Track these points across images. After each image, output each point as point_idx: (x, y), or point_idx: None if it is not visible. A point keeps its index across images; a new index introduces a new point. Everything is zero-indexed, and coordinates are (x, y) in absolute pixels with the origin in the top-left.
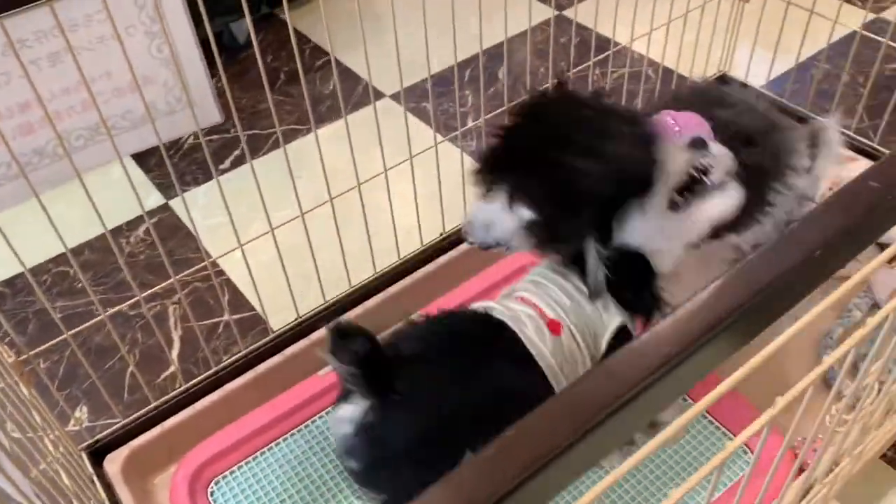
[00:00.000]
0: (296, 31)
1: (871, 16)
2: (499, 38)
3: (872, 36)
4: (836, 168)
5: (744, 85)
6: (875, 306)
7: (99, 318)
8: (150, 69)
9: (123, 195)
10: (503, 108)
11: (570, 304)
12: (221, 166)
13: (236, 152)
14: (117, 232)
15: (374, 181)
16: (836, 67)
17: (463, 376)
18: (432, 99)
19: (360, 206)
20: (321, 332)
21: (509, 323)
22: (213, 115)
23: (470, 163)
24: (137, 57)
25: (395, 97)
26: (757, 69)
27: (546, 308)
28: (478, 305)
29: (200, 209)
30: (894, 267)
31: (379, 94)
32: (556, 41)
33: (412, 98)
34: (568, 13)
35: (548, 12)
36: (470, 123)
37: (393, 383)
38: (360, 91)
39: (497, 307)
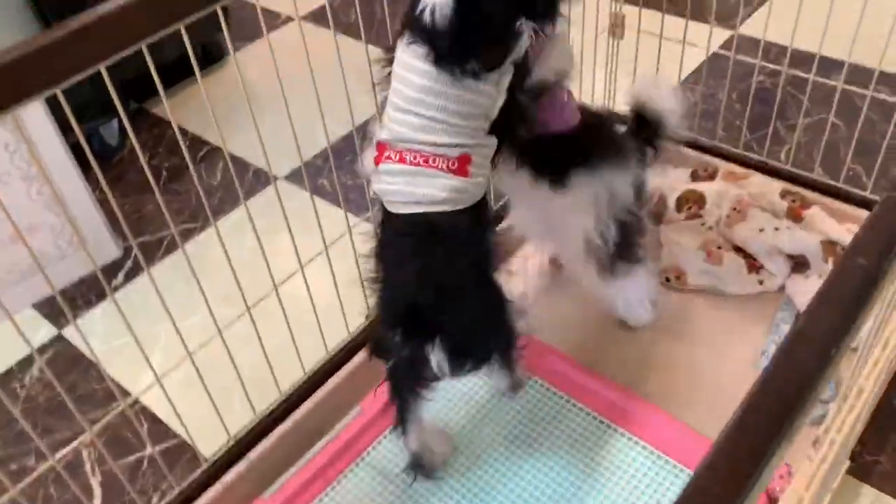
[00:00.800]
0: (170, 123)
1: (728, 33)
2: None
3: (725, 53)
4: None
5: None
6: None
7: None
8: (33, 216)
9: (9, 334)
10: None
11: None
12: (114, 282)
13: (128, 264)
14: (8, 376)
15: (288, 272)
16: (710, 88)
17: None
18: (336, 174)
19: (274, 304)
20: (258, 451)
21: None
22: (111, 249)
23: None
24: (18, 205)
25: (289, 178)
26: None
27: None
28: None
29: (99, 334)
30: (809, 277)
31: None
32: None
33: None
34: None
35: None
36: (371, 193)
37: None
38: (250, 178)
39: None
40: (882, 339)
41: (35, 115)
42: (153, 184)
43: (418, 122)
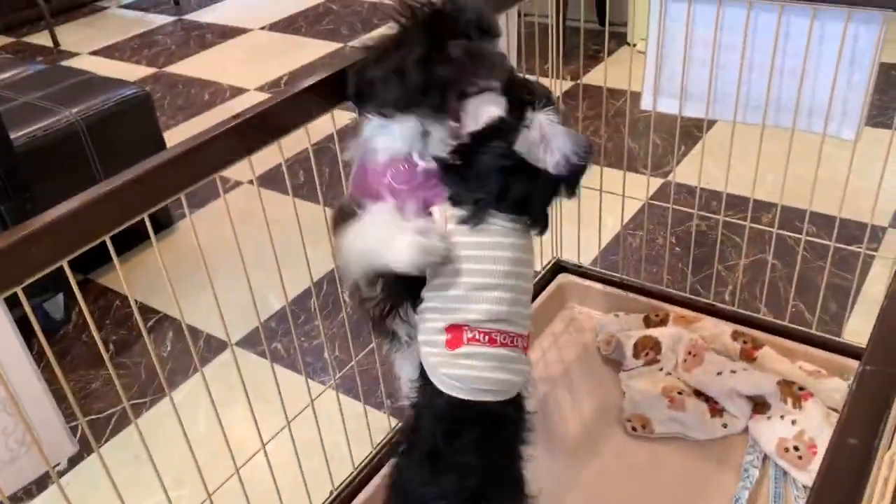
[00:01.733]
0: (117, 293)
1: (660, 181)
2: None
3: (660, 204)
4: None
5: (579, 266)
6: (766, 458)
7: None
8: None
9: None
10: (370, 345)
11: None
12: (57, 468)
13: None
14: None
15: (247, 447)
16: (649, 233)
17: None
18: (296, 337)
19: (234, 482)
20: None
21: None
22: (66, 447)
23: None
24: None
25: (241, 344)
26: (586, 249)
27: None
28: None
29: None
30: (770, 417)
31: (223, 345)
32: None
33: (260, 341)
34: None
35: None
36: (327, 356)
37: None
38: (201, 346)
39: None
40: None
41: None
42: (105, 357)
43: (511, 296)
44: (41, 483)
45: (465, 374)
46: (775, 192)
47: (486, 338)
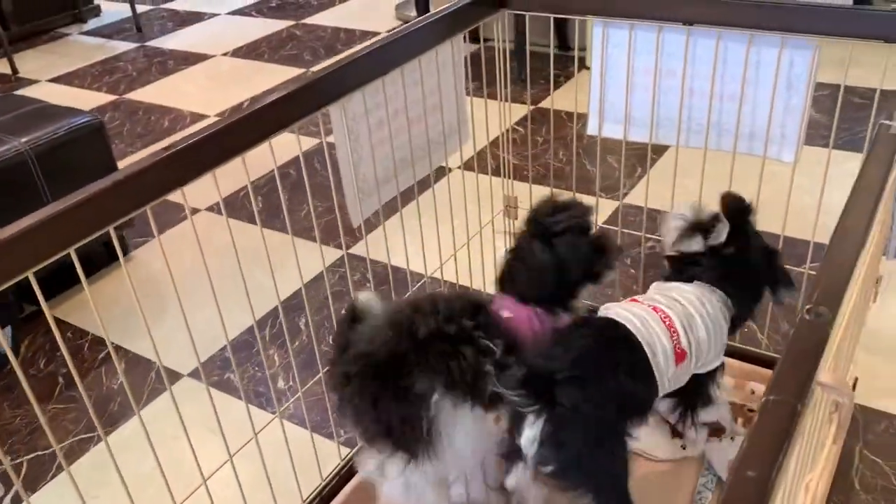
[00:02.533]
0: (69, 325)
1: (614, 204)
2: (293, 287)
3: (611, 227)
4: None
5: None
6: (720, 481)
7: None
8: None
9: None
10: (319, 375)
11: (704, 339)
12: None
13: (10, 495)
14: None
15: (195, 483)
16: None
17: (603, 388)
18: (236, 367)
19: None
20: None
21: (645, 346)
22: None
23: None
24: None
25: (193, 375)
26: None
27: (681, 333)
28: (621, 313)
29: None
30: (722, 440)
31: (176, 376)
32: (351, 279)
33: (214, 370)
34: (357, 251)
35: (337, 252)
36: (281, 385)
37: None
38: (153, 378)
39: (637, 323)
40: None
41: None
42: (33, 401)
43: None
44: None
45: None
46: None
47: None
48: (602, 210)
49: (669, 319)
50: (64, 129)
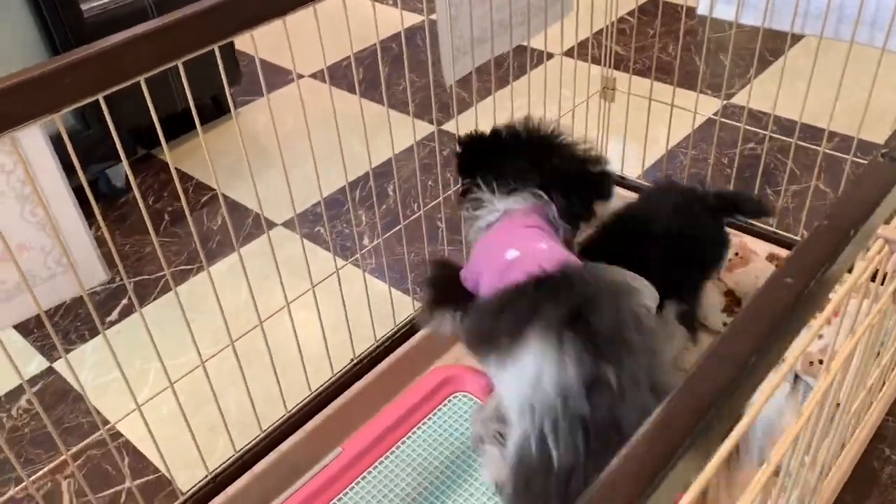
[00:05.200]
0: (178, 170)
1: (724, 102)
2: (385, 156)
3: (727, 121)
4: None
5: (622, 178)
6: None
7: None
8: (24, 235)
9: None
10: (398, 227)
11: None
12: (109, 318)
13: (124, 301)
14: None
15: (277, 315)
16: (702, 152)
17: None
18: (327, 222)
19: (263, 344)
20: (236, 487)
21: None
22: (99, 274)
23: (371, 283)
24: (10, 224)
25: (287, 225)
26: (630, 162)
27: None
28: None
29: (90, 368)
30: None
31: (271, 224)
32: (441, 154)
33: (305, 224)
34: (448, 127)
35: (429, 128)
36: (366, 242)
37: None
38: (250, 223)
39: None
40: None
41: (34, 139)
42: (149, 226)
43: None
44: (93, 328)
45: None
46: (838, 120)
47: None
48: (703, 107)
49: None
50: None
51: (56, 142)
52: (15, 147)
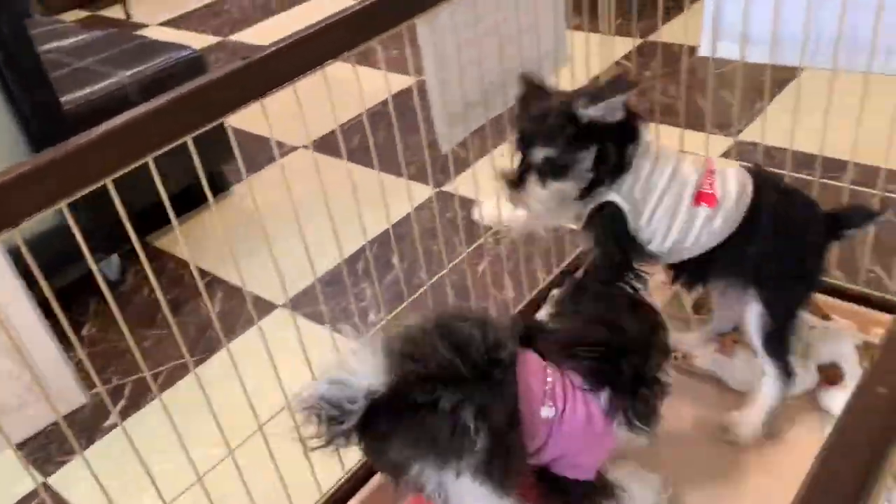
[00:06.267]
0: (171, 255)
1: (728, 140)
2: (382, 226)
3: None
4: None
5: None
6: None
7: None
8: None
9: None
10: (405, 304)
11: None
12: (105, 423)
13: (122, 402)
14: None
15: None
16: None
17: None
18: (327, 298)
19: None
20: None
21: None
22: (77, 397)
23: None
24: None
25: (288, 305)
26: None
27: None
28: None
29: (88, 480)
30: (848, 387)
31: (270, 307)
32: (442, 216)
33: (307, 304)
34: (446, 188)
35: (427, 191)
36: (371, 317)
37: None
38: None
39: None
40: None
41: None
42: (166, 312)
43: None
44: (90, 436)
45: None
46: (850, 150)
47: None
48: (714, 147)
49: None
50: (166, 63)
51: (43, 241)
52: None
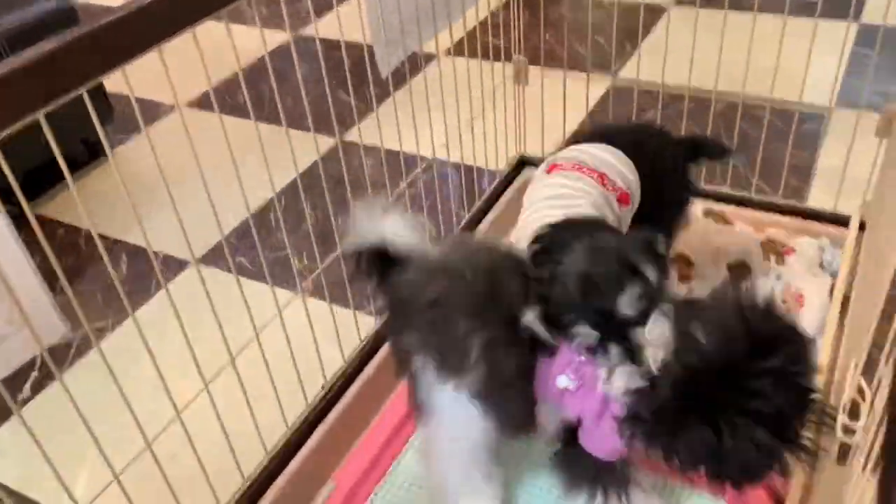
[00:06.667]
0: (60, 223)
1: (610, 79)
2: (291, 176)
3: (627, 87)
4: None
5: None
6: None
7: None
8: None
9: None
10: (337, 253)
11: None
12: (20, 396)
13: (34, 374)
14: None
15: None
16: (618, 117)
17: None
18: (247, 250)
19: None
20: None
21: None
22: (58, 328)
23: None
24: None
25: (204, 260)
26: (549, 145)
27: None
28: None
29: (12, 457)
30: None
31: (184, 264)
32: (349, 169)
33: (221, 259)
34: (351, 137)
35: (332, 141)
36: (295, 263)
37: None
38: (158, 267)
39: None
40: None
41: None
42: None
43: None
44: (4, 410)
45: None
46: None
47: None
48: (595, 87)
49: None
50: (35, 14)
51: None
52: None
